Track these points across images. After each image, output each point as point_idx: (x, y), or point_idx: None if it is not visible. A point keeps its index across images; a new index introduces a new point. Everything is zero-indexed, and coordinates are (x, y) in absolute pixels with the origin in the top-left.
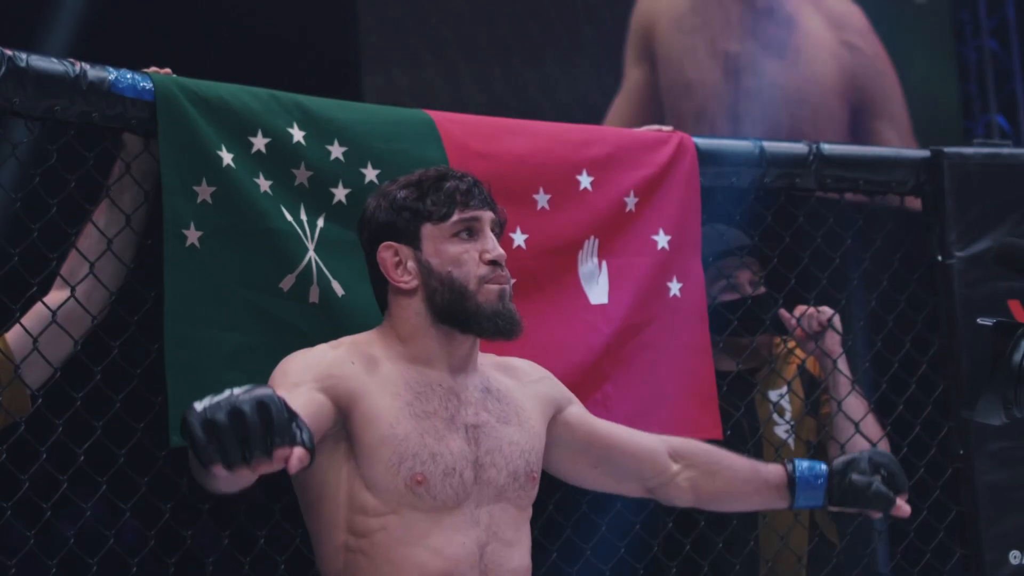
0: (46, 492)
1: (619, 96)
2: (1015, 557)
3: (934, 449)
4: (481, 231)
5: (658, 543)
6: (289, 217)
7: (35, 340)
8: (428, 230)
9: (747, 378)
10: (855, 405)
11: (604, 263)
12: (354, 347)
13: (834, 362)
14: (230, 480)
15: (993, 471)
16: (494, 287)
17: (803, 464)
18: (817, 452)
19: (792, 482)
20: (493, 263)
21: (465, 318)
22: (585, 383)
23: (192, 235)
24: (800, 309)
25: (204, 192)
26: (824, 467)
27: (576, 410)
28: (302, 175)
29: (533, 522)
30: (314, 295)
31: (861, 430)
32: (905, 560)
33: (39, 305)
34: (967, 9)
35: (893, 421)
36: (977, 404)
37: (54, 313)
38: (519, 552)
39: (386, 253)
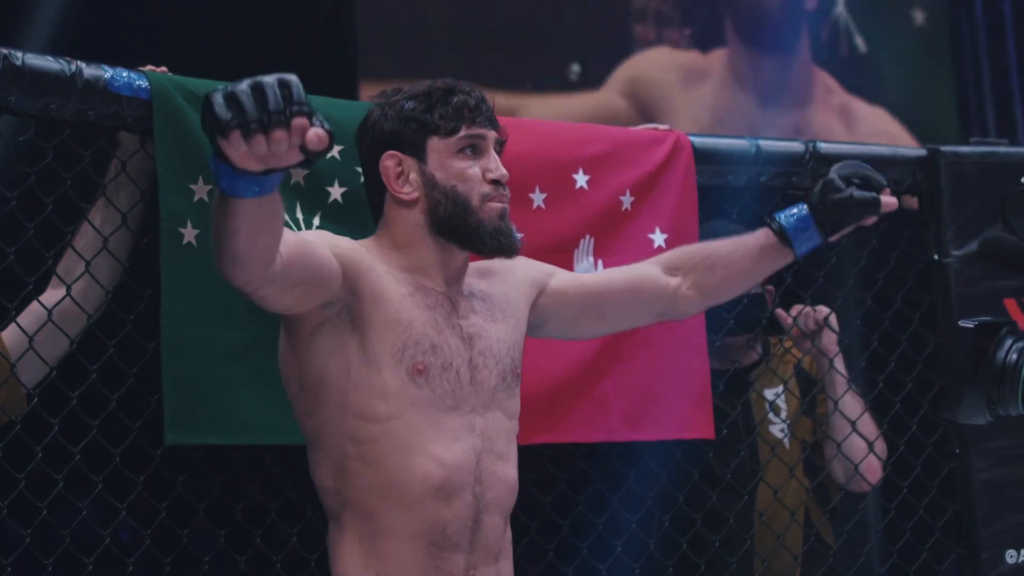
0: (42, 491)
1: (587, 97)
2: (1011, 556)
3: (930, 448)
4: (486, 149)
5: (654, 541)
6: (285, 216)
7: (31, 339)
8: (434, 143)
9: (743, 376)
10: (851, 404)
11: (600, 262)
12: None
13: (830, 361)
14: (247, 158)
15: (989, 469)
16: (496, 205)
17: (783, 214)
18: (813, 452)
19: (783, 233)
20: (496, 182)
21: (467, 233)
22: (583, 381)
23: (188, 233)
24: (796, 308)
25: (200, 190)
26: (803, 206)
27: (560, 277)
28: (298, 174)
29: (529, 522)
30: None
31: (857, 429)
32: (901, 559)
33: (35, 304)
34: (963, 7)
35: (890, 420)
36: (960, 405)
37: (50, 312)
38: (510, 465)
39: (389, 162)
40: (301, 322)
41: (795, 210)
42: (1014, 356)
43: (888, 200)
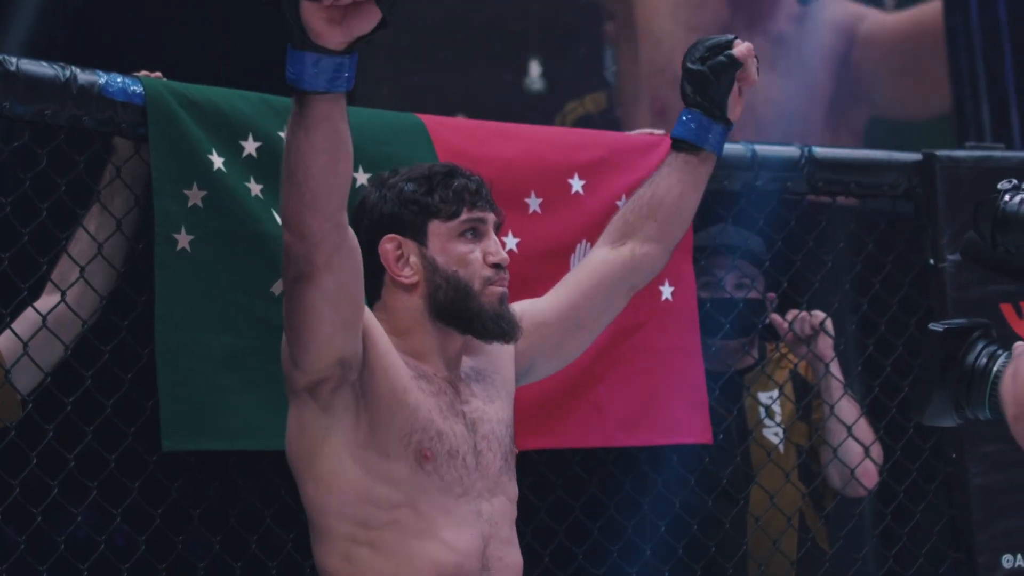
0: (37, 497)
1: None
2: (1008, 560)
3: (927, 452)
4: (486, 232)
5: (650, 547)
6: (279, 221)
7: (25, 345)
8: (435, 227)
9: (737, 379)
10: (847, 409)
11: None
12: None
13: (826, 366)
14: (331, 26)
15: (986, 474)
16: (497, 289)
17: (675, 130)
18: (809, 457)
19: (685, 142)
20: (497, 266)
21: (468, 318)
22: (578, 387)
23: (183, 239)
24: (792, 313)
25: (195, 196)
26: (684, 111)
27: (528, 315)
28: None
29: (526, 525)
30: None
31: (853, 433)
32: (898, 564)
33: (30, 310)
34: (959, 11)
35: (886, 425)
36: (927, 407)
37: (44, 318)
38: (515, 550)
39: (389, 245)
40: (319, 389)
41: (682, 118)
42: (984, 360)
43: (741, 49)
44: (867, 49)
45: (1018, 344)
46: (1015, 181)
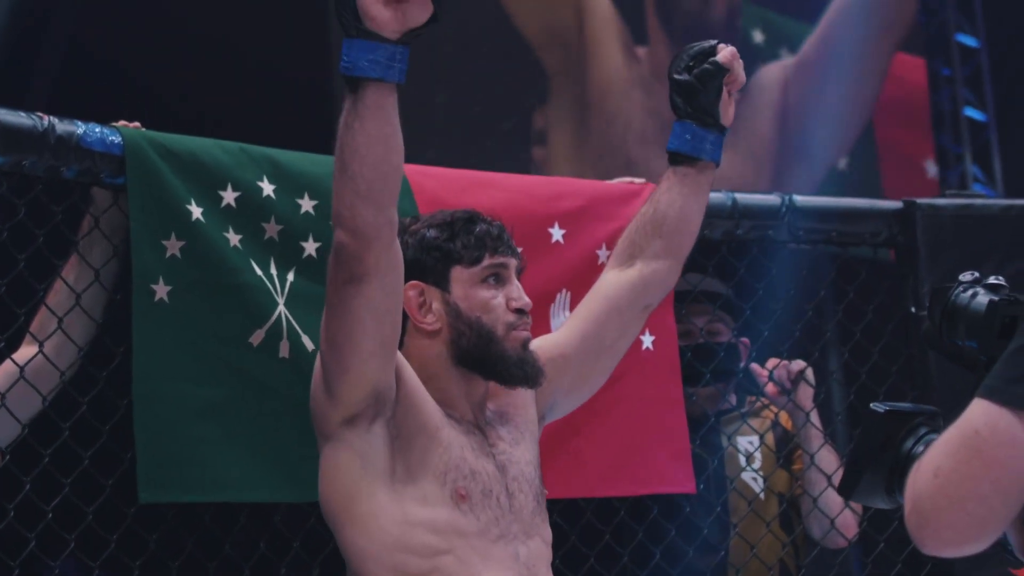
0: (14, 550)
1: None
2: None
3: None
4: (508, 278)
5: (627, 552)
6: (259, 271)
7: (2, 397)
8: (458, 272)
9: (715, 425)
10: (827, 459)
11: None
12: None
13: (806, 415)
14: (386, 13)
15: None
16: (520, 335)
17: (669, 145)
18: (790, 506)
19: (682, 156)
20: (520, 311)
21: (492, 363)
22: (557, 436)
23: (161, 290)
24: (772, 362)
25: (173, 246)
26: (676, 124)
27: (545, 349)
28: (272, 229)
29: None
30: (284, 350)
31: (833, 483)
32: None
33: (7, 362)
34: (941, 58)
35: None
36: (856, 487)
37: (22, 369)
38: None
39: (411, 292)
40: (354, 425)
41: (676, 131)
42: (920, 448)
43: (725, 54)
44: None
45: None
46: (976, 275)
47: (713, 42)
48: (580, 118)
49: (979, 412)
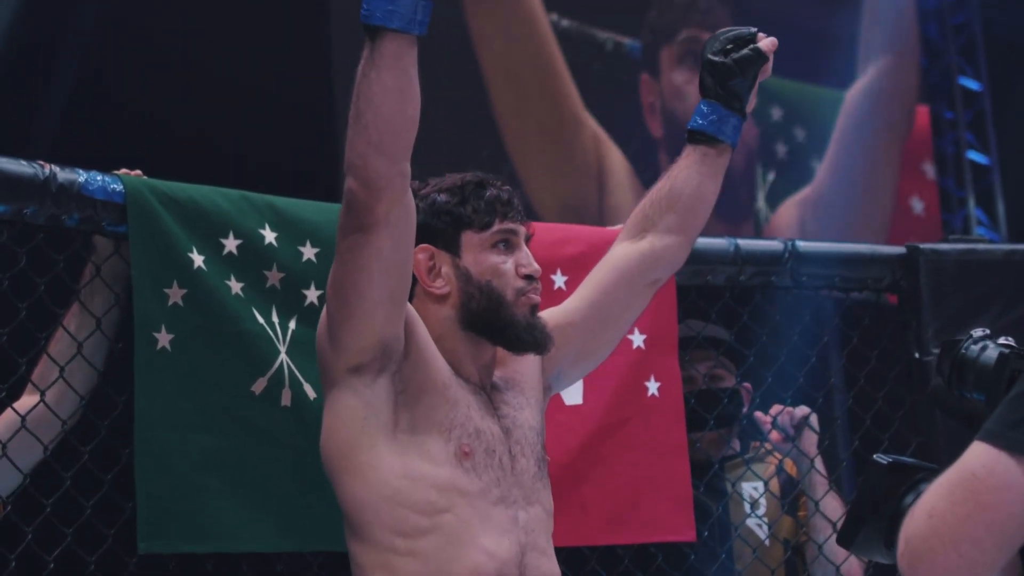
0: None
1: None
2: None
3: None
4: (518, 244)
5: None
6: (261, 319)
7: (4, 446)
8: (468, 237)
9: (719, 472)
10: (832, 505)
11: None
12: None
13: (811, 462)
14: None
15: None
16: (529, 299)
17: (692, 122)
18: (795, 553)
19: (703, 135)
20: (529, 277)
21: (500, 328)
22: (561, 484)
23: (163, 338)
24: (776, 409)
25: (175, 295)
26: (703, 102)
27: (552, 325)
28: (274, 277)
29: None
30: (286, 398)
31: (838, 531)
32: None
33: (8, 411)
34: (944, 102)
35: None
36: (855, 538)
37: (23, 418)
38: (552, 562)
39: (421, 256)
40: (359, 375)
41: (701, 110)
42: None
43: (766, 43)
44: None
45: None
46: (987, 331)
47: (753, 29)
48: None
49: (977, 454)
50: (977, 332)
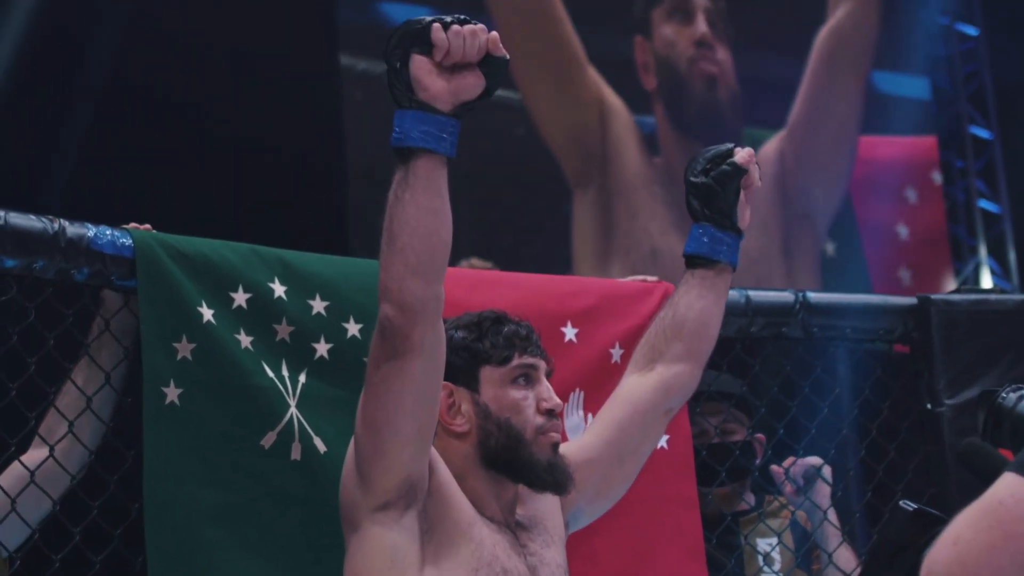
0: None
1: None
2: None
3: None
4: (538, 379)
5: None
6: (271, 373)
7: (13, 500)
8: (487, 372)
9: (732, 526)
10: (845, 558)
11: (590, 415)
12: None
13: (824, 514)
14: (439, 83)
15: None
16: (550, 438)
17: (687, 249)
18: None
19: (700, 260)
20: (550, 412)
21: (519, 466)
22: (573, 538)
23: (172, 392)
24: (789, 460)
25: (184, 349)
26: (694, 227)
27: (576, 462)
28: (283, 330)
29: None
30: (296, 452)
31: None
32: None
33: (16, 464)
34: (955, 151)
35: None
36: None
37: (32, 473)
38: None
39: (441, 393)
40: (385, 514)
41: (694, 233)
42: None
43: (742, 156)
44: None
45: None
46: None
47: (730, 145)
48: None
49: (1006, 484)
50: (1014, 387)
